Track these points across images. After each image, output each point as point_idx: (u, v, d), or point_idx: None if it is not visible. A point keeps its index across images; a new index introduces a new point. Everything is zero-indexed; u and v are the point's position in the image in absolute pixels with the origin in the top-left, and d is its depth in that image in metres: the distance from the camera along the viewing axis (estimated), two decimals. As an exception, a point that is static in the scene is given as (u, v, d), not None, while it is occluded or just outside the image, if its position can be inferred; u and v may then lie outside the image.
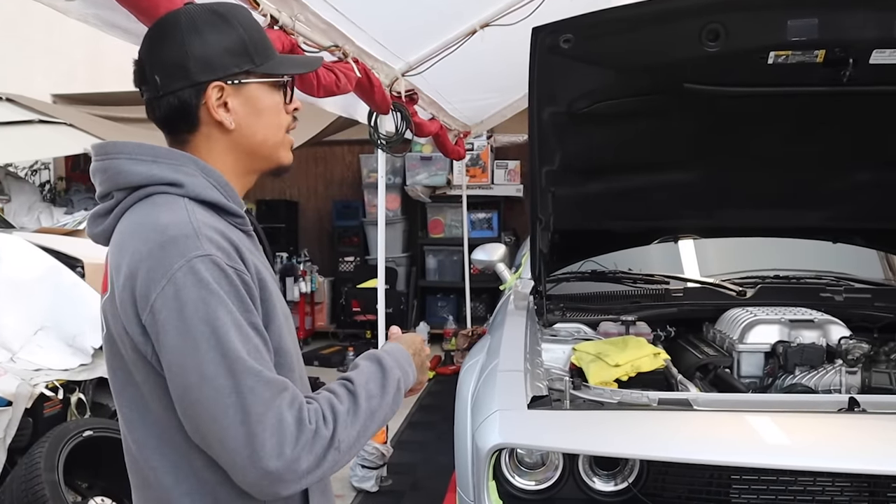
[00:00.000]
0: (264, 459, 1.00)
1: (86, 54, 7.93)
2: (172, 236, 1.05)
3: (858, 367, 2.26)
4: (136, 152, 1.14)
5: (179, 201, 1.10)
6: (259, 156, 1.23)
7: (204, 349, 1.01)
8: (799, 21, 2.09)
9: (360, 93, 3.16)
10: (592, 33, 2.24)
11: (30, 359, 3.07)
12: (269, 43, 1.22)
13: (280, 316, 1.16)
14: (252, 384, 1.01)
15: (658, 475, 1.83)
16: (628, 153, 2.68)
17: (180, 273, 1.02)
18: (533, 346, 2.42)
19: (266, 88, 1.20)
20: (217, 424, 1.01)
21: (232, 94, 1.17)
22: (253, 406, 1.00)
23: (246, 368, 1.02)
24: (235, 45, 1.16)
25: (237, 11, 1.20)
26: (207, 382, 1.01)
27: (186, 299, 1.01)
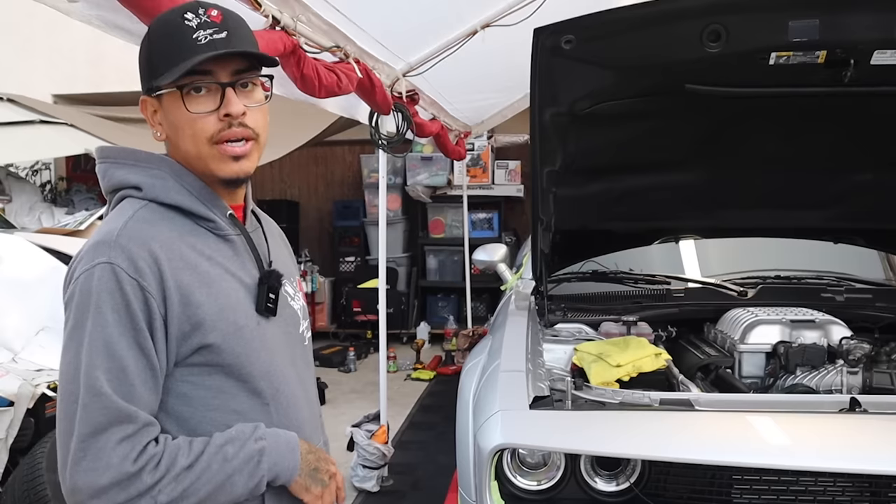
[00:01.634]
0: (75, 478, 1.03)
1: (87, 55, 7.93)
2: (95, 241, 1.10)
3: (860, 368, 2.27)
4: (119, 157, 1.19)
5: (135, 205, 1.15)
6: (195, 166, 1.18)
7: (73, 351, 1.07)
8: (800, 22, 2.08)
9: (362, 93, 3.16)
10: (594, 34, 2.24)
11: (31, 359, 3.07)
12: (183, 49, 1.12)
13: (225, 325, 1.13)
14: (87, 402, 1.04)
15: (660, 475, 1.84)
16: (629, 154, 2.68)
17: (82, 276, 1.08)
18: (534, 346, 2.42)
19: (173, 99, 1.14)
20: (59, 425, 1.07)
21: (157, 108, 1.18)
22: (80, 424, 1.04)
23: (90, 386, 1.04)
24: (145, 59, 1.17)
25: (160, 19, 1.17)
26: (63, 381, 1.07)
27: (76, 302, 1.08)
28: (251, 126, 1.17)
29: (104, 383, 1.04)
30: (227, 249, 1.18)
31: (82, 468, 1.02)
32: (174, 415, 1.13)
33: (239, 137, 1.16)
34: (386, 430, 3.90)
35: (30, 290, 3.28)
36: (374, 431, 3.85)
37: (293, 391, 1.26)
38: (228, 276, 1.16)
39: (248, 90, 1.17)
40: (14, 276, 3.29)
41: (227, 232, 1.18)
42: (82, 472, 1.02)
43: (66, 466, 1.04)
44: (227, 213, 1.20)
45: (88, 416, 1.03)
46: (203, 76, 1.13)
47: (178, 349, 1.10)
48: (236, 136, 1.16)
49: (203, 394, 1.14)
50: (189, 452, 1.09)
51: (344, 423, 4.15)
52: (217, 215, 1.18)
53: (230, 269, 1.17)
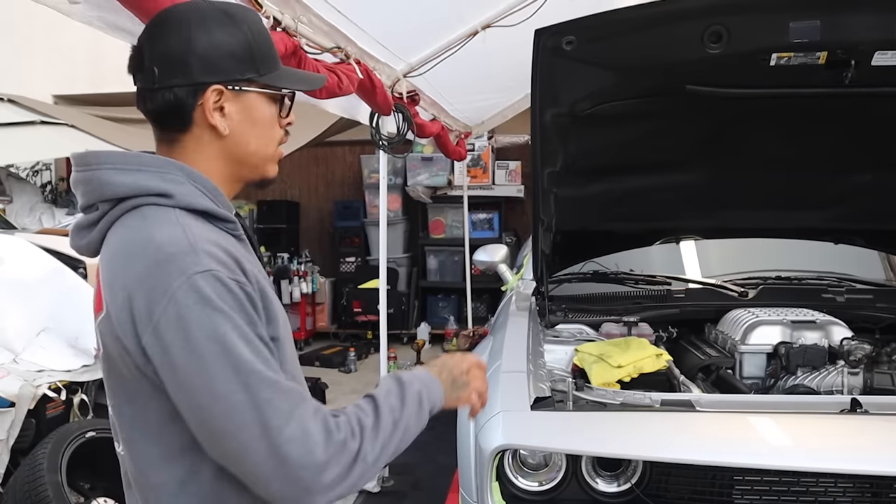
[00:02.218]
0: (291, 471, 0.98)
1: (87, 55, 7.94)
2: (170, 253, 1.01)
3: (860, 368, 2.27)
4: (120, 162, 1.09)
5: (170, 213, 1.06)
6: (247, 165, 1.19)
7: (214, 367, 0.98)
8: (801, 23, 2.08)
9: (362, 94, 3.16)
10: (595, 35, 2.24)
11: (32, 360, 3.07)
12: (276, 53, 1.19)
13: (281, 321, 1.14)
14: (269, 396, 0.99)
15: (661, 476, 1.84)
16: (630, 155, 2.68)
17: (181, 291, 0.98)
18: (535, 347, 2.42)
19: (264, 99, 1.17)
20: (237, 442, 0.98)
21: (230, 100, 1.13)
22: (273, 419, 0.98)
23: (261, 380, 0.99)
24: (241, 51, 1.12)
25: (248, 15, 1.17)
26: (221, 400, 0.98)
27: (190, 318, 0.98)
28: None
29: (268, 374, 1.00)
30: (244, 249, 1.17)
31: (296, 456, 0.98)
32: None
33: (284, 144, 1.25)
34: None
35: (31, 291, 3.28)
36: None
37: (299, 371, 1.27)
38: (263, 275, 1.16)
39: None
40: (15, 277, 3.29)
41: (240, 232, 1.17)
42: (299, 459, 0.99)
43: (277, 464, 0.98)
44: (234, 212, 1.20)
45: (275, 408, 0.99)
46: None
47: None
48: (285, 142, 1.24)
49: None
50: (367, 413, 1.10)
51: (344, 424, 4.14)
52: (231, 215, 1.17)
53: (259, 267, 1.17)
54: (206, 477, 1.07)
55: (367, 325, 7.45)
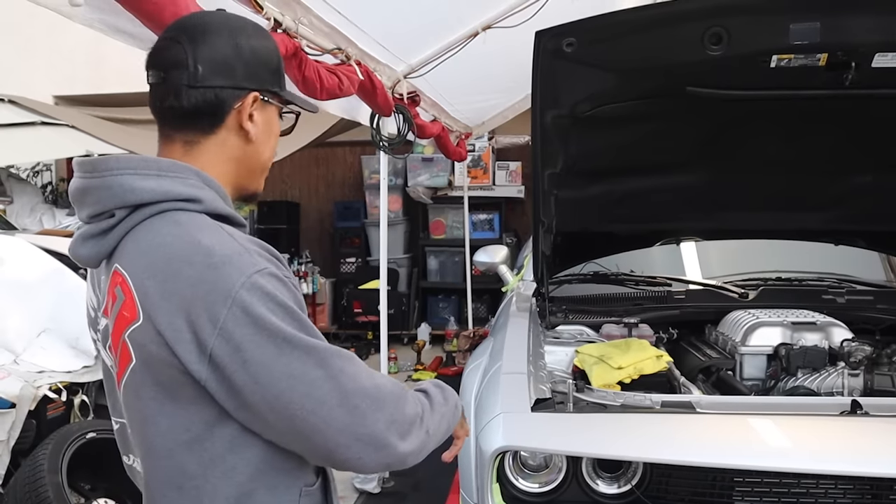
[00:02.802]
0: (366, 426, 1.06)
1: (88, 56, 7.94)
2: (224, 255, 1.02)
3: (861, 370, 2.27)
4: (141, 167, 1.08)
5: (204, 218, 1.07)
6: (254, 174, 1.23)
7: (288, 352, 1.02)
8: (801, 25, 2.09)
9: (363, 95, 3.17)
10: (595, 37, 2.24)
11: (33, 361, 3.07)
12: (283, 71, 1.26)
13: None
14: (340, 365, 1.06)
15: (661, 478, 1.84)
16: (631, 156, 2.68)
17: (244, 291, 1.00)
18: (536, 348, 2.42)
19: (275, 113, 1.23)
20: (317, 416, 1.03)
21: (259, 109, 1.17)
22: (347, 384, 1.05)
23: (330, 353, 1.06)
24: (274, 63, 1.20)
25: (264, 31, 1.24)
26: (299, 380, 1.03)
27: (258, 314, 1.00)
28: None
29: (330, 346, 1.08)
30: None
31: (369, 417, 1.06)
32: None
33: None
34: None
35: (31, 292, 3.28)
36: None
37: None
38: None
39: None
40: (15, 278, 3.29)
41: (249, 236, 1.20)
42: (391, 410, 1.09)
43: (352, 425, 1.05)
44: None
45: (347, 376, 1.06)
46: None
47: None
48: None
49: None
50: (421, 395, 1.23)
51: (345, 425, 4.14)
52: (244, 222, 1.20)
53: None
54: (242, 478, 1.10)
55: (367, 326, 7.45)
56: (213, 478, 1.08)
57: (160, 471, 1.11)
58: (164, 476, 1.11)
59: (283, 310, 1.03)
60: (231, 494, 1.09)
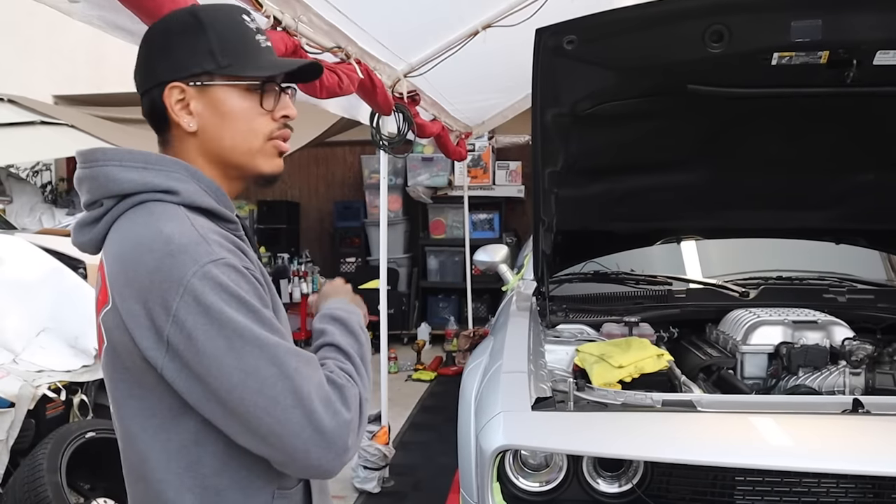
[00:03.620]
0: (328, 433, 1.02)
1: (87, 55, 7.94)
2: (182, 244, 1.02)
3: (862, 369, 2.27)
4: (126, 159, 1.11)
5: (177, 209, 1.08)
6: (230, 162, 1.17)
7: (240, 346, 1.00)
8: (803, 22, 2.08)
9: (363, 94, 3.16)
10: (596, 35, 2.23)
11: (32, 360, 3.07)
12: (249, 46, 1.15)
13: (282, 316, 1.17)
14: (296, 365, 1.03)
15: (662, 476, 1.83)
16: (631, 154, 2.67)
17: (196, 279, 1.00)
18: (536, 347, 2.42)
19: (236, 92, 1.14)
20: (271, 416, 1.00)
21: (195, 97, 1.13)
22: (303, 385, 1.02)
23: (286, 351, 1.03)
24: (200, 46, 1.12)
25: (218, 13, 1.16)
26: (252, 376, 1.00)
27: (209, 303, 0.99)
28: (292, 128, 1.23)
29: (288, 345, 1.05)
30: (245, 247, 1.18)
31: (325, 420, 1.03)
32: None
33: (287, 139, 1.22)
34: (387, 432, 3.90)
35: (31, 292, 3.28)
36: (376, 432, 3.85)
37: None
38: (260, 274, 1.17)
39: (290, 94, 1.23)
40: (15, 277, 3.29)
41: (241, 233, 1.18)
42: (326, 423, 1.03)
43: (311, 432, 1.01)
44: (235, 212, 1.20)
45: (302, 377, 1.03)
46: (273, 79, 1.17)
47: None
48: (287, 136, 1.22)
49: None
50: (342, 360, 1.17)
51: (345, 424, 4.13)
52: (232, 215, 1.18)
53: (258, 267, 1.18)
54: (207, 471, 1.08)
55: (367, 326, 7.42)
56: (178, 469, 1.08)
57: (130, 457, 1.13)
58: (131, 463, 1.13)
59: (236, 301, 1.01)
60: (197, 488, 1.08)
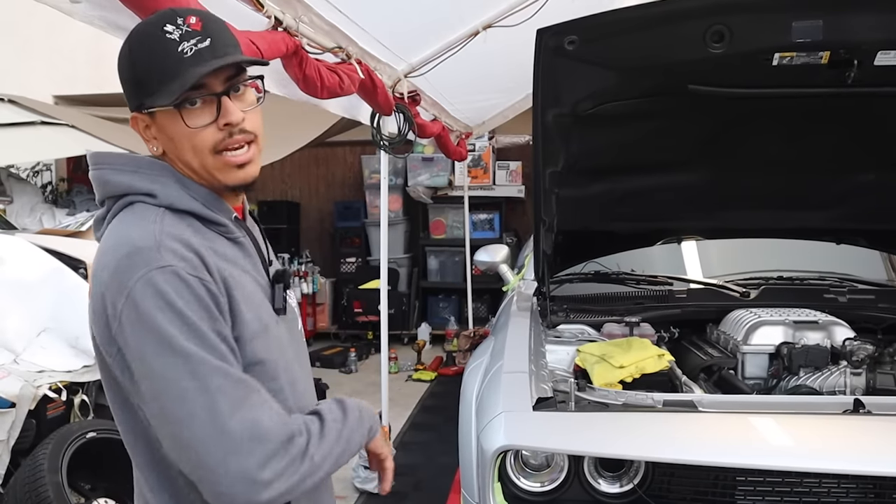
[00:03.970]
0: (239, 461, 1.00)
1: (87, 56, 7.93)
2: (136, 247, 1.06)
3: (863, 369, 2.27)
4: (118, 163, 1.17)
5: (155, 211, 1.12)
6: (199, 177, 1.17)
7: (166, 355, 1.01)
8: (804, 22, 2.08)
9: (363, 94, 3.16)
10: (597, 35, 2.23)
11: (33, 360, 3.07)
12: (167, 64, 1.09)
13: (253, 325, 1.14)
14: (220, 383, 1.02)
15: (663, 477, 1.83)
16: (632, 154, 2.67)
17: (139, 284, 1.03)
18: (537, 347, 2.42)
19: (169, 116, 1.13)
20: (188, 430, 1.01)
21: (151, 123, 1.16)
22: (222, 405, 1.01)
23: (212, 368, 1.02)
24: (132, 76, 1.13)
25: (142, 34, 1.13)
26: (172, 385, 1.01)
27: (145, 310, 1.02)
28: (250, 130, 1.16)
29: (220, 362, 1.03)
30: (238, 252, 1.19)
31: (242, 442, 1.00)
32: None
33: (241, 144, 1.16)
34: (388, 432, 3.90)
35: (31, 292, 3.28)
36: (376, 433, 3.84)
37: (303, 388, 1.29)
38: (248, 277, 1.17)
39: (241, 93, 1.16)
40: (15, 278, 3.29)
41: (235, 234, 1.19)
42: (247, 446, 1.01)
43: (224, 451, 1.00)
44: (233, 215, 1.20)
45: (226, 396, 1.01)
46: (197, 90, 1.11)
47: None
48: (238, 143, 1.15)
49: None
50: (313, 419, 1.15)
51: (345, 424, 4.13)
52: (225, 219, 1.18)
53: (247, 269, 1.19)
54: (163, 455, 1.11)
55: (367, 326, 7.45)
56: (140, 445, 1.13)
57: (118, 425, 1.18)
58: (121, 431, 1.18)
59: (171, 309, 1.02)
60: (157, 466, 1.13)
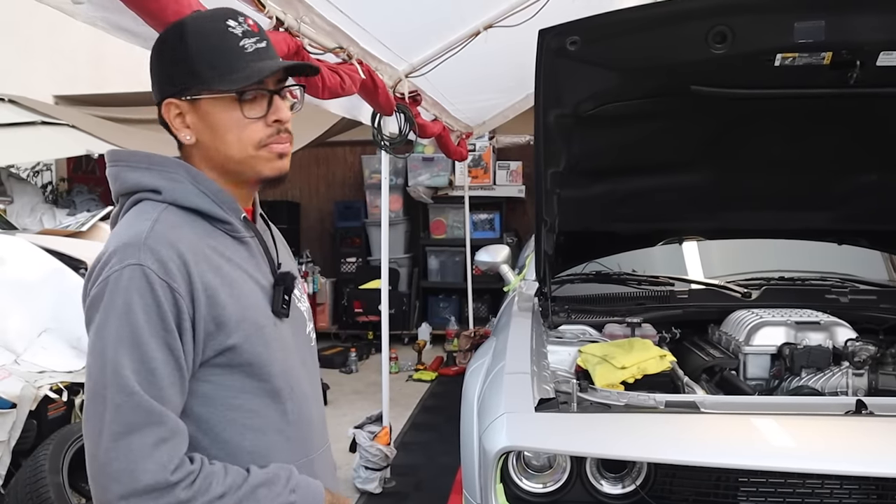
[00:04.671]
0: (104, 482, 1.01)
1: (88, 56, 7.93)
2: (124, 243, 1.08)
3: (865, 370, 2.26)
4: (133, 160, 1.19)
5: (156, 208, 1.14)
6: (231, 169, 1.19)
7: (98, 350, 1.05)
8: (806, 23, 2.08)
9: (365, 94, 3.16)
10: (599, 35, 2.23)
11: (34, 361, 3.07)
12: (230, 55, 1.15)
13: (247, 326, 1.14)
14: (119, 402, 1.02)
15: (666, 478, 1.83)
16: (634, 155, 2.67)
17: (112, 276, 1.06)
18: (539, 348, 2.42)
19: (220, 104, 1.16)
20: (87, 424, 1.06)
21: (189, 110, 1.17)
22: (112, 424, 1.02)
23: (121, 385, 1.03)
24: (185, 61, 1.15)
25: (203, 24, 1.17)
26: (90, 382, 1.06)
27: (105, 303, 1.06)
28: (291, 131, 1.23)
29: (135, 383, 1.03)
30: (243, 251, 1.20)
31: (115, 468, 1.00)
32: (194, 416, 1.13)
33: (284, 142, 1.22)
34: (388, 432, 3.90)
35: (32, 292, 3.28)
36: (377, 433, 3.84)
37: (305, 391, 1.28)
38: (247, 278, 1.18)
39: (284, 98, 1.22)
40: (16, 278, 3.29)
41: (242, 234, 1.20)
42: (115, 472, 1.00)
43: (97, 466, 1.02)
44: (242, 215, 1.21)
45: (120, 416, 1.02)
46: (256, 85, 1.16)
47: (204, 350, 1.11)
48: (283, 140, 1.21)
49: (224, 394, 1.14)
50: (224, 481, 1.08)
51: (346, 424, 4.14)
52: (233, 218, 1.19)
53: (248, 270, 1.19)
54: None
55: (368, 326, 7.45)
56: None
57: None
58: None
59: (123, 310, 1.05)
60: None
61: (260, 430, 1.17)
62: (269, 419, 1.19)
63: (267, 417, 1.18)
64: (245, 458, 1.15)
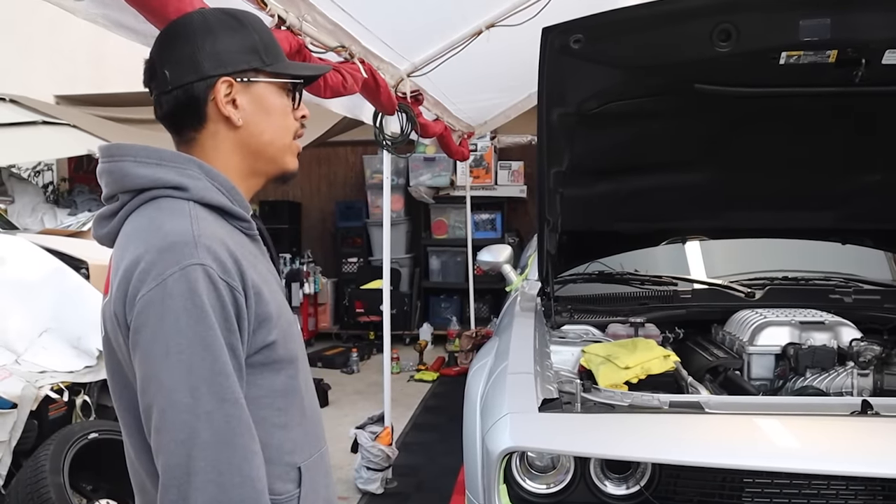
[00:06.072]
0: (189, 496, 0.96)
1: (89, 55, 7.93)
2: (172, 242, 1.03)
3: (870, 370, 2.25)
4: (141, 155, 1.13)
5: (184, 205, 1.09)
6: (265, 157, 1.21)
7: (173, 358, 0.98)
8: (811, 21, 2.07)
9: (366, 93, 3.15)
10: (602, 34, 2.22)
11: (35, 361, 3.06)
12: (280, 48, 1.23)
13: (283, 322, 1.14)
14: (211, 409, 0.99)
15: (670, 478, 1.82)
16: (637, 154, 2.66)
17: (172, 279, 1.00)
18: (542, 348, 2.41)
19: (274, 89, 1.20)
20: (161, 437, 0.98)
21: (241, 91, 1.16)
22: (203, 432, 0.98)
23: (216, 389, 0.99)
24: (246, 44, 1.17)
25: (249, 15, 1.23)
26: (164, 392, 0.98)
27: (170, 306, 0.99)
28: None
29: (219, 389, 1.00)
30: (256, 249, 1.19)
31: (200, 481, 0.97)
32: None
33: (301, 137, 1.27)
34: (390, 432, 3.89)
35: (33, 292, 3.27)
36: (379, 433, 3.83)
37: (311, 385, 1.28)
38: (269, 275, 1.17)
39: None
40: (17, 278, 3.28)
41: (254, 231, 1.19)
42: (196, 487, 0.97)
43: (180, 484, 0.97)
44: (251, 212, 1.20)
45: (212, 423, 0.98)
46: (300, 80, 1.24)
47: (249, 347, 1.09)
48: (302, 136, 1.26)
49: (256, 394, 1.11)
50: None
51: (347, 425, 4.13)
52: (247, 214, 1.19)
53: (268, 267, 1.19)
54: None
55: (369, 326, 7.44)
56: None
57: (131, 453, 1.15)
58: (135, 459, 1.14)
59: (198, 312, 1.00)
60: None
61: (285, 426, 1.16)
62: (292, 415, 1.17)
63: (290, 414, 1.17)
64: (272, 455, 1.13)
